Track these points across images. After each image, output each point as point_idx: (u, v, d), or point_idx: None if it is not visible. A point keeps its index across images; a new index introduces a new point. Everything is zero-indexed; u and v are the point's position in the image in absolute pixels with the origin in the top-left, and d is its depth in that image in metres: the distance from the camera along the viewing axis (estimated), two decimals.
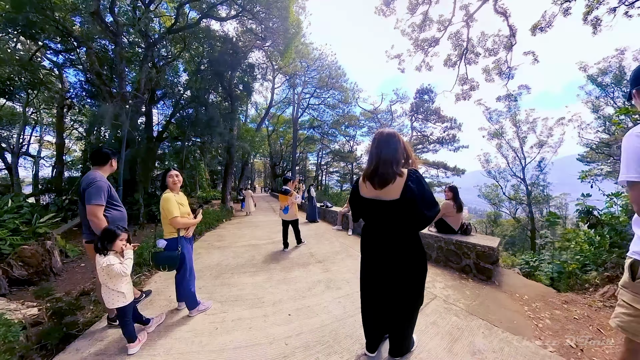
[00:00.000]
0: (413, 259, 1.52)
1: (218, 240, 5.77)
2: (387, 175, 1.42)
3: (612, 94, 19.10)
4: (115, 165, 2.32)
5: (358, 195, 1.63)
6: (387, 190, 1.43)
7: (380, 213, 1.50)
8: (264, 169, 49.57)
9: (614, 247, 3.30)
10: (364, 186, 1.56)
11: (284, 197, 4.83)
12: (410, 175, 1.43)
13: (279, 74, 18.68)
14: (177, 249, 2.19)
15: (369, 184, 1.50)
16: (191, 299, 2.36)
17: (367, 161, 1.60)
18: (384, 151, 1.47)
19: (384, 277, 1.57)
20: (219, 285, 3.06)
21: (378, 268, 1.58)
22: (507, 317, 2.28)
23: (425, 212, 1.41)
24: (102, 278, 1.77)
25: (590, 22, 11.29)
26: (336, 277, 3.31)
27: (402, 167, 1.46)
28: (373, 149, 1.53)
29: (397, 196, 1.40)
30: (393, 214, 1.46)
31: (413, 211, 1.41)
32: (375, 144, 1.53)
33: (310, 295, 2.80)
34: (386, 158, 1.45)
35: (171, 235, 2.22)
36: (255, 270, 3.62)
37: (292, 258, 4.19)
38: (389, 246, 1.52)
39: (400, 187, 1.40)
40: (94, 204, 1.95)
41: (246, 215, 11.07)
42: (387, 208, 1.46)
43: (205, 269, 3.70)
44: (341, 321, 2.25)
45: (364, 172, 1.59)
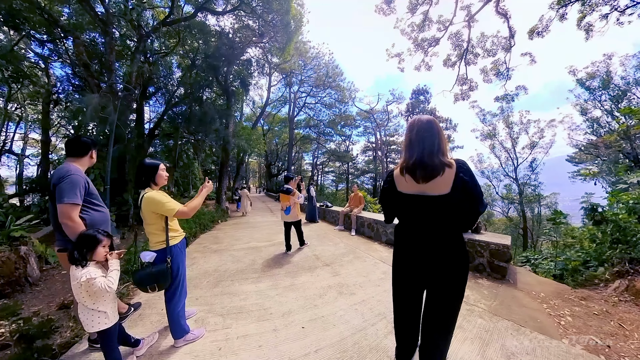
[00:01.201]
0: (459, 263, 1.31)
1: (214, 243, 5.42)
2: (434, 166, 1.21)
3: (599, 98, 19.71)
4: (95, 157, 1.97)
5: (394, 191, 1.38)
6: (434, 184, 1.23)
7: (425, 211, 1.28)
8: (259, 169, 49.01)
9: (615, 243, 3.42)
10: (402, 180, 1.33)
11: (286, 197, 4.46)
12: (460, 165, 1.24)
13: (275, 71, 18.34)
14: (167, 261, 1.76)
15: (409, 178, 1.29)
16: (177, 324, 1.87)
17: (404, 151, 1.37)
18: (427, 139, 1.27)
19: (424, 283, 1.36)
20: (219, 295, 2.74)
21: (418, 274, 1.36)
22: (530, 316, 2.24)
23: (479, 207, 1.23)
24: (80, 296, 1.43)
25: (583, 28, 11.54)
26: (347, 282, 3.08)
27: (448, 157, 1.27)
28: (413, 137, 1.31)
29: (447, 190, 1.21)
30: (441, 211, 1.24)
31: (465, 207, 1.22)
32: (414, 131, 1.32)
33: (322, 304, 2.54)
34: (431, 147, 1.25)
35: (160, 245, 1.77)
36: (258, 276, 3.31)
37: (297, 262, 3.90)
38: (434, 249, 1.29)
39: (451, 180, 1.21)
40: (67, 202, 1.59)
41: (242, 215, 10.70)
42: (433, 205, 1.25)
43: (201, 275, 3.37)
44: (362, 332, 2.04)
45: (400, 164, 1.35)
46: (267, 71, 15.36)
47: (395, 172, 1.41)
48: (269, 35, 10.70)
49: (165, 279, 1.73)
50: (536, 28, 11.99)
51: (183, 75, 11.46)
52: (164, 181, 1.86)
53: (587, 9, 11.08)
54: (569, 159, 23.51)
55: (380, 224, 5.40)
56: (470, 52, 12.57)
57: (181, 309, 1.90)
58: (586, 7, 11.04)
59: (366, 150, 32.73)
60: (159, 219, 1.75)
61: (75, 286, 1.42)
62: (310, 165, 36.68)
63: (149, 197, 1.69)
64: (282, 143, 32.16)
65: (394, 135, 29.78)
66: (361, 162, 33.59)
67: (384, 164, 28.29)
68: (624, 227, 3.40)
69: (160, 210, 1.71)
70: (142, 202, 1.72)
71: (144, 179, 1.77)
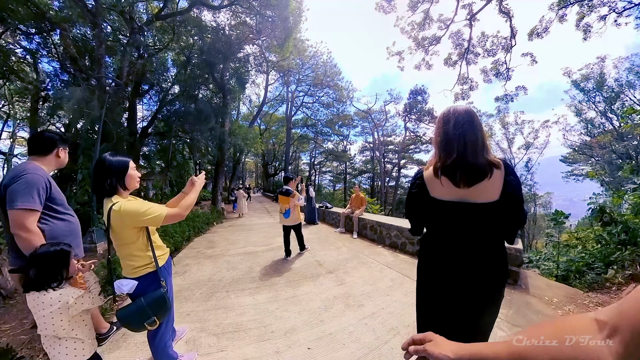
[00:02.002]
0: (501, 281, 1.12)
1: (209, 247, 5.13)
2: (480, 167, 0.99)
3: (594, 99, 20.04)
4: (64, 156, 1.68)
5: (427, 197, 1.13)
6: (479, 189, 1.01)
7: (466, 221, 1.05)
8: (256, 169, 48.57)
9: (621, 245, 3.34)
10: (437, 184, 1.08)
11: (285, 199, 4.16)
12: (508, 166, 1.04)
13: (272, 70, 18.04)
14: (162, 284, 1.38)
15: (447, 181, 1.05)
16: (164, 354, 1.53)
17: (438, 149, 1.12)
18: (469, 133, 1.03)
19: (459, 304, 1.14)
20: (212, 310, 2.47)
21: (453, 294, 1.14)
22: None
23: (524, 216, 1.06)
24: (57, 324, 1.16)
25: (582, 28, 11.63)
26: (354, 292, 2.85)
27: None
28: (450, 131, 1.07)
29: (496, 196, 1.00)
30: (486, 222, 1.03)
31: (513, 215, 1.02)
32: (450, 123, 1.08)
33: (329, 318, 2.30)
34: (474, 143, 1.03)
35: (143, 270, 1.35)
36: (256, 286, 3.05)
37: (297, 269, 3.65)
38: (475, 266, 1.07)
39: (500, 184, 1.00)
40: (19, 207, 1.30)
41: (239, 217, 10.40)
42: (478, 214, 1.02)
43: (194, 286, 3.08)
44: (376, 351, 1.84)
45: (434, 164, 1.10)
46: (264, 69, 15.06)
47: (425, 174, 1.16)
48: (266, 31, 10.42)
49: (166, 307, 1.37)
50: (536, 29, 11.98)
51: (178, 72, 11.11)
52: (136, 184, 1.43)
53: (586, 10, 11.16)
54: (562, 159, 23.80)
55: (383, 226, 5.18)
56: (471, 52, 12.46)
57: (168, 339, 1.58)
58: (585, 8, 11.12)
59: (364, 150, 32.63)
60: (139, 234, 1.33)
61: (44, 316, 1.15)
62: (308, 165, 36.42)
63: (123, 209, 1.23)
64: (279, 143, 31.86)
65: (391, 135, 29.75)
66: (359, 162, 33.50)
67: (381, 164, 28.19)
68: (634, 229, 3.31)
69: (142, 222, 1.28)
70: (110, 218, 1.24)
71: (109, 183, 1.29)
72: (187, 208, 1.40)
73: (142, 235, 1.36)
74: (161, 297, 1.34)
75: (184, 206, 1.39)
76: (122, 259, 1.36)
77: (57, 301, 1.17)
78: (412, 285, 3.01)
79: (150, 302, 1.30)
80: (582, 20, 11.35)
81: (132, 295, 1.34)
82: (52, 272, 1.19)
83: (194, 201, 1.48)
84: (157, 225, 1.32)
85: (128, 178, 1.38)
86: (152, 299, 1.32)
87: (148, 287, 1.35)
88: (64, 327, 1.19)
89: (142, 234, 1.36)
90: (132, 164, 1.41)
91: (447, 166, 1.04)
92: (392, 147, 29.68)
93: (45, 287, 1.17)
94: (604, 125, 20.16)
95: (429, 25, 12.72)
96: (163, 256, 1.50)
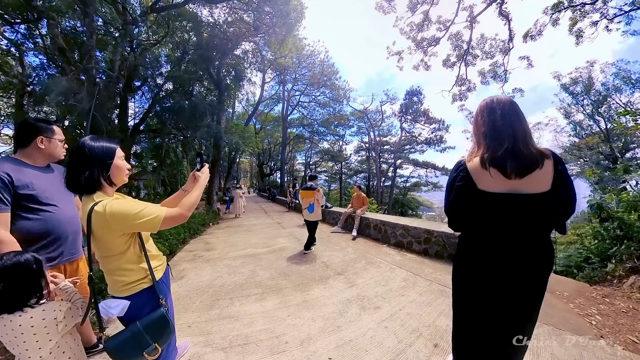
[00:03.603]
0: (549, 271, 1.09)
1: (206, 250, 4.86)
2: (532, 156, 0.99)
3: (582, 102, 20.70)
4: (49, 147, 1.44)
5: (474, 190, 1.07)
6: (531, 179, 1.00)
7: (518, 214, 1.03)
8: (251, 169, 48.03)
9: (616, 239, 3.53)
10: (486, 176, 1.05)
11: (310, 194, 4.44)
12: (556, 155, 1.04)
13: (269, 68, 17.77)
14: (161, 302, 1.10)
15: (496, 172, 1.03)
16: None
17: (483, 139, 1.09)
18: (516, 124, 1.05)
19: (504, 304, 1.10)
20: (216, 320, 2.24)
21: (500, 293, 1.09)
22: (563, 318, 2.17)
23: (574, 206, 1.05)
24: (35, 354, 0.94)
25: (574, 33, 11.97)
26: (367, 293, 2.71)
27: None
28: (497, 121, 1.07)
29: (547, 187, 1.00)
30: (538, 213, 1.01)
31: (565, 205, 1.02)
32: (497, 113, 1.08)
33: (346, 324, 2.13)
34: (523, 133, 1.04)
35: (136, 287, 1.06)
36: (262, 291, 2.83)
37: (304, 271, 3.44)
38: (528, 258, 1.04)
39: (550, 173, 1.00)
40: None
41: (235, 217, 10.11)
42: (529, 206, 1.01)
43: (193, 293, 2.83)
44: (401, 355, 1.73)
45: (480, 155, 1.07)
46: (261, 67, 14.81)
47: (470, 166, 1.10)
48: (265, 28, 10.17)
49: (169, 331, 1.10)
50: (530, 32, 12.20)
51: (172, 68, 10.74)
52: (125, 177, 1.13)
53: (578, 15, 11.48)
54: None
55: (388, 225, 5.03)
56: (470, 54, 12.54)
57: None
58: (577, 14, 11.44)
59: (359, 150, 32.60)
60: (130, 242, 1.04)
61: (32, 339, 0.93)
62: (303, 165, 36.19)
63: (109, 210, 0.93)
64: (275, 142, 31.54)
65: (387, 135, 29.83)
66: (354, 162, 33.46)
67: (377, 164, 28.21)
68: (629, 224, 3.48)
69: (134, 227, 0.99)
70: (92, 222, 0.95)
71: (88, 176, 0.99)
72: (190, 208, 1.12)
73: (134, 243, 1.06)
74: (162, 319, 1.07)
75: (186, 205, 1.11)
76: (108, 274, 1.06)
77: (42, 319, 0.95)
78: (425, 284, 2.95)
79: (149, 325, 1.03)
80: (575, 26, 11.71)
81: (125, 319, 1.06)
82: (27, 286, 0.96)
83: (198, 200, 1.20)
84: (154, 229, 1.03)
85: (114, 169, 1.07)
86: (151, 321, 1.04)
87: (144, 307, 1.08)
88: (51, 351, 0.97)
89: (134, 241, 1.06)
90: (119, 152, 1.11)
91: (498, 157, 1.01)
92: (388, 147, 29.76)
93: (20, 306, 0.93)
94: (592, 127, 20.80)
95: (427, 26, 12.75)
96: (160, 267, 1.20)
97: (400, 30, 13.22)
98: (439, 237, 3.99)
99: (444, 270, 3.35)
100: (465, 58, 12.49)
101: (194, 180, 1.33)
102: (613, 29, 11.32)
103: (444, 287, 2.80)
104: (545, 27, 12.33)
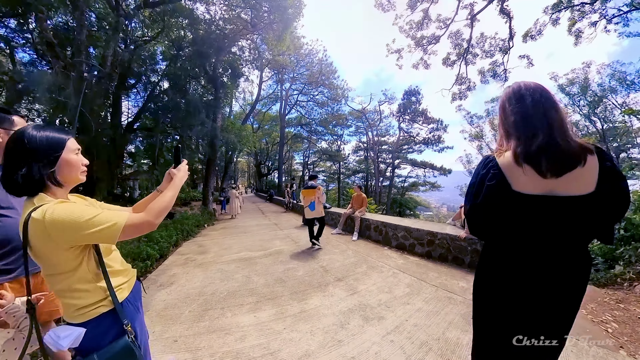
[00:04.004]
0: (582, 293, 0.94)
1: (199, 253, 4.64)
2: (572, 152, 0.83)
3: (578, 103, 20.86)
4: (5, 140, 1.19)
5: (508, 191, 0.89)
6: (571, 178, 0.84)
7: (556, 219, 0.86)
8: (248, 169, 47.73)
9: (622, 241, 3.41)
10: (520, 174, 0.87)
11: (311, 192, 4.66)
12: (602, 150, 0.88)
13: (267, 67, 17.55)
14: (126, 328, 0.89)
15: (531, 170, 0.86)
16: None
17: (512, 130, 0.93)
18: (551, 112, 0.88)
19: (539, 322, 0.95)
20: (205, 333, 2.03)
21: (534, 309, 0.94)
22: (578, 325, 1.99)
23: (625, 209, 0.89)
24: None
25: (573, 34, 11.99)
26: (370, 302, 2.53)
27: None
28: (529, 109, 0.90)
29: (591, 188, 0.83)
30: (578, 220, 0.84)
31: (613, 210, 0.84)
32: (527, 100, 0.91)
33: (347, 337, 1.95)
34: (560, 124, 0.87)
35: (92, 312, 0.85)
36: (256, 299, 2.63)
37: (302, 277, 3.25)
38: (565, 271, 0.89)
39: (595, 172, 0.84)
40: None
41: (231, 218, 9.88)
42: (570, 209, 0.84)
43: (182, 302, 2.62)
44: None
45: (514, 150, 0.89)
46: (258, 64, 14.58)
47: (502, 162, 0.91)
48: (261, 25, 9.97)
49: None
50: (530, 32, 12.15)
51: (168, 65, 10.49)
52: (79, 176, 0.90)
53: (577, 15, 11.50)
54: None
55: (389, 226, 4.86)
56: (470, 52, 12.45)
57: None
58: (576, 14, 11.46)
59: (358, 150, 32.49)
60: (81, 257, 0.82)
61: None
62: (301, 165, 35.98)
63: (49, 217, 0.73)
64: (273, 142, 31.30)
65: (385, 135, 29.76)
66: (352, 161, 33.34)
67: (375, 164, 28.11)
68: (636, 225, 3.37)
69: (84, 238, 0.77)
70: (28, 233, 0.75)
71: (25, 173, 0.77)
72: (158, 213, 0.89)
73: (88, 257, 0.85)
74: (126, 350, 0.86)
75: (153, 211, 0.88)
76: (58, 296, 0.86)
77: None
78: (430, 290, 2.78)
79: (110, 359, 0.83)
80: (574, 26, 11.74)
81: (80, 351, 0.85)
82: None
83: (171, 203, 0.97)
84: (111, 241, 0.81)
85: (63, 166, 0.84)
86: (112, 354, 0.84)
87: (104, 336, 0.87)
88: None
89: (88, 256, 0.85)
90: (71, 144, 0.88)
91: (532, 151, 0.85)
92: (386, 147, 29.68)
93: None
94: (588, 128, 20.97)
95: (427, 24, 12.63)
96: (126, 284, 0.99)
97: (400, 29, 13.08)
98: (442, 239, 3.82)
99: (449, 275, 3.18)
100: (466, 56, 12.39)
101: (169, 179, 1.11)
102: (611, 29, 11.38)
103: (451, 294, 2.63)
104: (545, 26, 12.32)
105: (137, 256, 3.61)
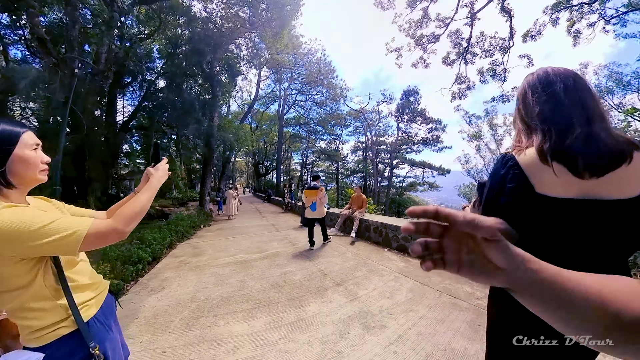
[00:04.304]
0: None
1: (194, 256, 4.50)
2: (616, 147, 0.68)
3: None
4: None
5: (532, 194, 0.74)
6: (614, 179, 0.69)
7: (593, 229, 0.71)
8: (246, 168, 47.51)
9: None
10: (547, 173, 0.71)
11: (313, 192, 4.69)
12: None
13: (265, 66, 17.39)
14: (93, 352, 0.76)
15: (562, 169, 0.70)
16: None
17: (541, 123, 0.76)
18: (589, 100, 0.74)
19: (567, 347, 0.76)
20: (196, 344, 1.90)
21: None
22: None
23: None
24: None
25: (572, 34, 11.99)
26: (371, 308, 2.40)
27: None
28: (560, 97, 0.75)
29: (638, 190, 0.68)
30: (622, 228, 0.70)
31: None
32: (557, 86, 0.76)
33: (348, 349, 1.83)
34: (600, 115, 0.73)
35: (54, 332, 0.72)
36: (251, 306, 2.50)
37: (299, 281, 3.12)
38: None
39: None
40: None
41: (228, 219, 9.72)
42: (610, 217, 0.69)
43: (173, 309, 2.49)
44: None
45: (539, 146, 0.73)
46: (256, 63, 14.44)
47: (523, 160, 0.76)
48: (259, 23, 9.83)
49: None
50: (530, 32, 12.12)
51: (164, 64, 10.31)
52: (38, 176, 0.76)
53: (576, 16, 11.50)
54: None
55: (389, 227, 4.74)
56: (469, 52, 12.39)
57: None
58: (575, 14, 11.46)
59: (356, 150, 32.41)
60: (35, 270, 0.70)
61: None
62: (300, 165, 35.84)
63: None
64: (271, 142, 31.14)
65: (383, 135, 29.71)
66: (351, 161, 33.26)
67: (374, 164, 28.04)
68: None
69: (35, 250, 0.64)
70: None
71: None
72: (129, 219, 0.77)
73: (44, 271, 0.72)
74: None
75: (123, 216, 0.76)
76: (11, 316, 0.74)
77: None
78: (434, 295, 2.67)
79: None
80: (573, 26, 11.76)
81: None
82: None
83: (146, 206, 0.86)
84: (71, 253, 0.68)
85: (17, 163, 0.71)
86: None
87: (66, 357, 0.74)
88: None
89: (44, 269, 0.72)
90: (27, 138, 0.74)
91: (565, 147, 0.70)
92: (385, 147, 29.62)
93: None
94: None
95: (426, 23, 12.55)
96: (94, 300, 0.85)
97: (399, 27, 12.99)
98: None
99: (453, 278, 3.06)
100: (465, 56, 12.32)
101: (146, 179, 0.98)
102: (610, 30, 11.41)
103: (456, 299, 2.51)
104: (545, 26, 12.32)
105: (128, 259, 3.46)
